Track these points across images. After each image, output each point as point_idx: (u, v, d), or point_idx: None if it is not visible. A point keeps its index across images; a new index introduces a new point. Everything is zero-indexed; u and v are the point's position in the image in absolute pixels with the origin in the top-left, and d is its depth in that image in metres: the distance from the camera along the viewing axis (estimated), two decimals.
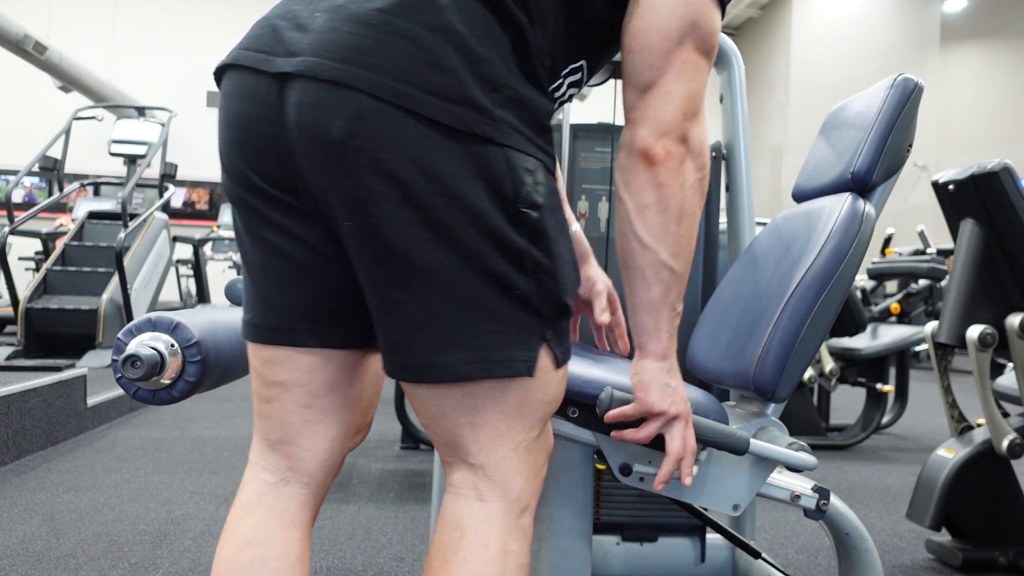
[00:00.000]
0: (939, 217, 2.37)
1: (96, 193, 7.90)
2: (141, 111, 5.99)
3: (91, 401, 3.38)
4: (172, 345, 0.95)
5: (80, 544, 1.97)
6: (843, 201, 1.13)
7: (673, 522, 1.67)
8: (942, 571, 2.03)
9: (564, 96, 0.88)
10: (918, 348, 6.50)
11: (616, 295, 1.16)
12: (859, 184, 1.15)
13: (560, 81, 0.85)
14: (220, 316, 1.08)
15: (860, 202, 1.12)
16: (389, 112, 0.70)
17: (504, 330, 0.76)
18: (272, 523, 0.84)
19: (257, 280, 0.84)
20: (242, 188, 0.80)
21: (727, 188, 1.67)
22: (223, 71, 0.81)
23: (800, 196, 1.34)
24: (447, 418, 0.79)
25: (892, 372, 3.95)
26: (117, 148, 5.61)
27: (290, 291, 0.82)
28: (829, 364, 3.67)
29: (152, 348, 0.93)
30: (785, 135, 12.06)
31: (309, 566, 0.86)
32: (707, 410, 1.03)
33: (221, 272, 9.49)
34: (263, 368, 0.85)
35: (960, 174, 1.99)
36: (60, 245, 5.07)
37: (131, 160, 5.63)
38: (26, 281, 5.59)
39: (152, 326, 0.96)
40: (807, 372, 3.57)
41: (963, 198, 2.00)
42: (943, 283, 4.53)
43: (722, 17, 0.86)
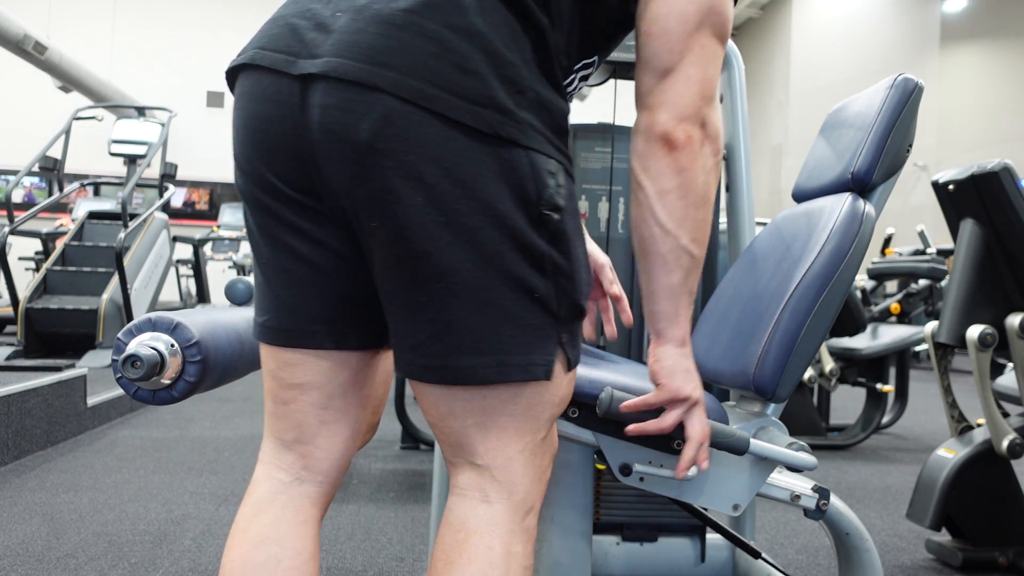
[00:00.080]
0: (939, 217, 2.37)
1: (96, 193, 7.90)
2: (141, 111, 5.99)
3: (91, 401, 3.38)
4: (172, 345, 0.95)
5: (80, 544, 1.97)
6: (843, 201, 1.13)
7: (673, 522, 1.67)
8: (942, 571, 2.03)
9: (575, 88, 0.89)
10: (918, 348, 6.50)
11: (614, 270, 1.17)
12: (859, 184, 1.15)
13: (572, 76, 0.86)
14: (220, 316, 1.08)
15: (860, 202, 1.12)
16: (416, 114, 0.70)
17: (523, 334, 0.76)
18: (286, 521, 0.84)
19: (272, 282, 0.83)
20: (260, 189, 0.79)
21: (727, 188, 1.67)
22: (237, 71, 0.80)
23: (800, 196, 1.34)
24: (456, 418, 0.79)
25: (892, 372, 3.95)
26: (117, 148, 5.61)
27: (307, 293, 0.82)
28: (829, 364, 3.67)
29: (152, 348, 0.93)
30: (785, 135, 12.06)
31: (318, 564, 0.87)
32: (707, 410, 1.02)
33: (221, 272, 9.49)
34: (281, 371, 0.85)
35: (960, 174, 1.99)
36: (60, 245, 5.06)
37: (131, 160, 5.63)
38: (26, 281, 5.59)
39: (152, 326, 0.96)
40: (807, 372, 3.57)
41: (963, 198, 2.00)
42: (943, 283, 4.54)
43: (734, 4, 0.87)
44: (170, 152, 5.94)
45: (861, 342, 3.74)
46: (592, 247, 1.17)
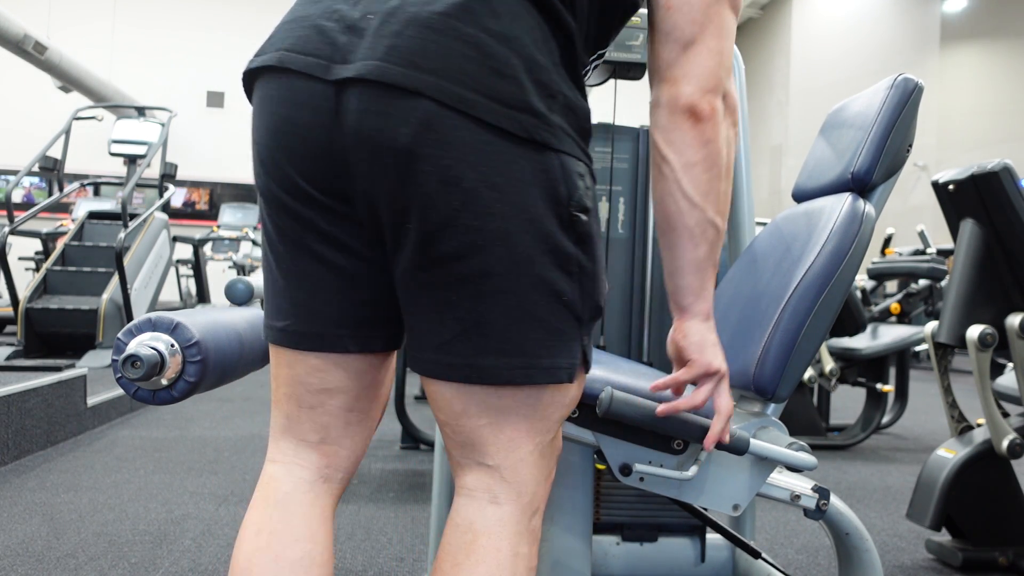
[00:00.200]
0: (939, 217, 2.37)
1: (96, 193, 7.90)
2: (141, 111, 5.99)
3: (91, 401, 3.38)
4: (172, 345, 0.95)
5: (80, 544, 1.97)
6: (843, 201, 1.13)
7: (673, 522, 1.67)
8: (942, 571, 2.03)
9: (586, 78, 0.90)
10: (918, 348, 6.50)
11: None
12: (859, 184, 1.15)
13: (586, 71, 0.87)
14: (220, 316, 1.08)
15: (860, 202, 1.12)
16: (455, 119, 0.71)
17: (549, 337, 0.77)
18: (316, 519, 0.85)
19: (292, 287, 0.82)
20: (287, 194, 0.78)
21: None
22: (259, 72, 0.79)
23: (800, 196, 1.34)
24: (470, 418, 0.79)
25: (892, 372, 3.95)
26: (117, 148, 5.61)
27: (333, 298, 0.81)
28: (829, 364, 3.67)
29: (152, 348, 0.93)
30: (785, 135, 12.06)
31: None
32: (707, 410, 1.03)
33: (221, 272, 9.50)
34: (309, 376, 0.84)
35: (960, 174, 1.99)
36: (60, 245, 5.07)
37: (131, 160, 5.63)
38: (26, 281, 5.59)
39: (152, 326, 0.96)
40: (807, 372, 3.57)
41: (963, 198, 2.00)
42: (943, 283, 4.53)
43: None
44: (170, 152, 5.94)
45: (861, 342, 3.74)
46: None
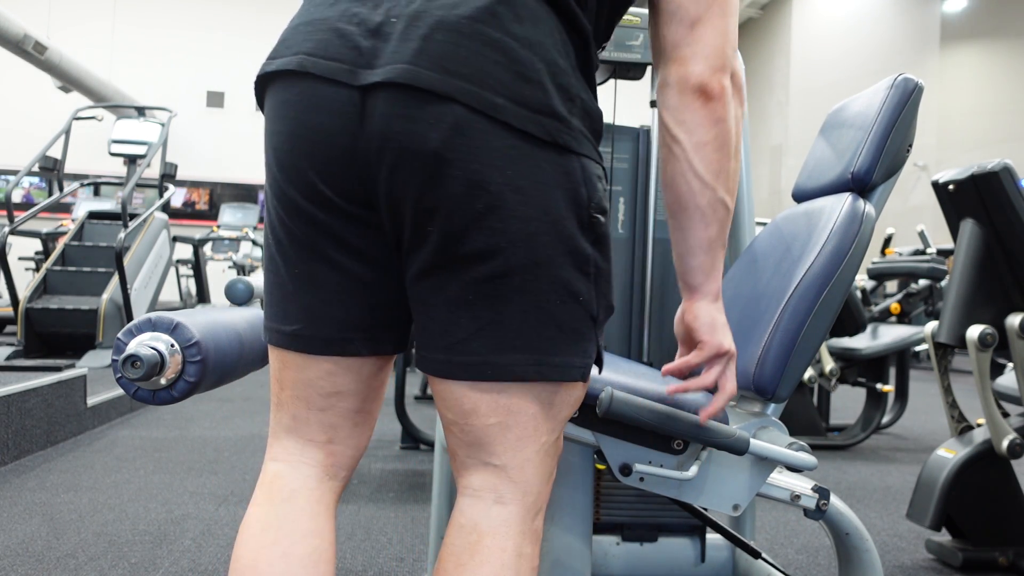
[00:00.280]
0: (939, 217, 2.37)
1: (96, 193, 7.90)
2: (141, 111, 5.99)
3: (91, 401, 3.38)
4: (172, 345, 0.95)
5: (80, 544, 1.97)
6: (843, 201, 1.13)
7: (673, 522, 1.67)
8: (942, 571, 2.03)
9: None
10: (918, 348, 6.51)
11: None
12: (859, 184, 1.15)
13: None
14: (220, 316, 1.08)
15: (860, 202, 1.12)
16: (483, 123, 0.71)
17: (564, 336, 0.77)
18: (322, 515, 0.85)
19: (302, 291, 0.81)
20: (306, 199, 0.77)
21: None
22: (275, 76, 0.78)
23: (800, 196, 1.34)
24: (479, 417, 0.79)
25: (892, 372, 3.95)
26: (117, 148, 5.61)
27: (345, 303, 0.81)
28: (829, 364, 3.67)
29: (152, 348, 0.93)
30: (785, 135, 12.06)
31: None
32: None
33: (221, 272, 9.51)
34: (319, 379, 0.84)
35: (960, 174, 1.99)
36: (60, 245, 5.07)
37: (131, 160, 5.63)
38: (26, 281, 5.59)
39: (152, 326, 0.96)
40: (807, 372, 3.57)
41: (963, 198, 2.00)
42: (943, 283, 4.54)
43: None
44: (170, 152, 5.94)
45: (861, 342, 3.74)
46: None
